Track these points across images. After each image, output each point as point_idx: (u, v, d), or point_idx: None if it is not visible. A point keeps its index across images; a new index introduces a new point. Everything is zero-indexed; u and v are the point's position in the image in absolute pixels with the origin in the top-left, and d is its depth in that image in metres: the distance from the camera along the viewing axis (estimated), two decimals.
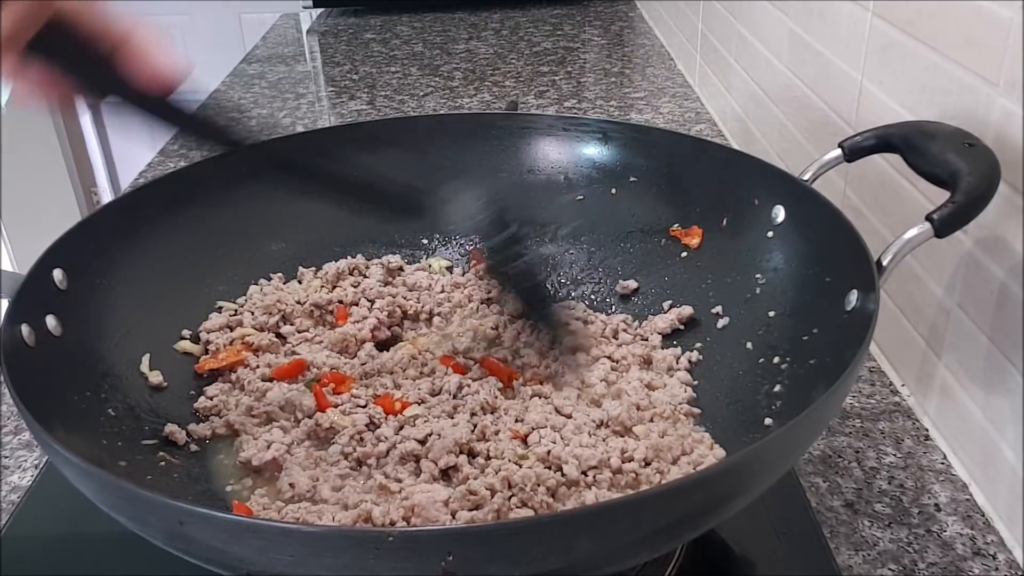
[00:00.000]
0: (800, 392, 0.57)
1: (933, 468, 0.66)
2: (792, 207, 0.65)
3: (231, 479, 0.59)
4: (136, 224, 0.68)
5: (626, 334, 0.70)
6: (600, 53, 1.68)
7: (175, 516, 0.40)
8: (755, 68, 1.10)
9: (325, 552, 0.38)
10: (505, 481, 0.54)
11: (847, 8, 0.80)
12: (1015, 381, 0.58)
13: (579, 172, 0.79)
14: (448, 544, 0.38)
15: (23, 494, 0.66)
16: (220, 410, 0.64)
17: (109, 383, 0.60)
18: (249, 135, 0.55)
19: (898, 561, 0.59)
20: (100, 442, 0.55)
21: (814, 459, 0.68)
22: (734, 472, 0.43)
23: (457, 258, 0.81)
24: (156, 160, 1.28)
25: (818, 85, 0.89)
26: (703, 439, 0.59)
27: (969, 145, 0.56)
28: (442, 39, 1.80)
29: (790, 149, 0.98)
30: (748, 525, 0.60)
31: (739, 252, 0.69)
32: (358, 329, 0.71)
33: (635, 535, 0.41)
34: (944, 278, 0.66)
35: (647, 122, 1.30)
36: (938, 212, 0.54)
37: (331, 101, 1.51)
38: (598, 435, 0.59)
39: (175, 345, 0.68)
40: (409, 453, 0.57)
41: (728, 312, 0.68)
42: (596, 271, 0.77)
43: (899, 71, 0.71)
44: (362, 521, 0.52)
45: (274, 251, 0.77)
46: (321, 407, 0.63)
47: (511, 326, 0.71)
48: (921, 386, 0.71)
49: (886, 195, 0.74)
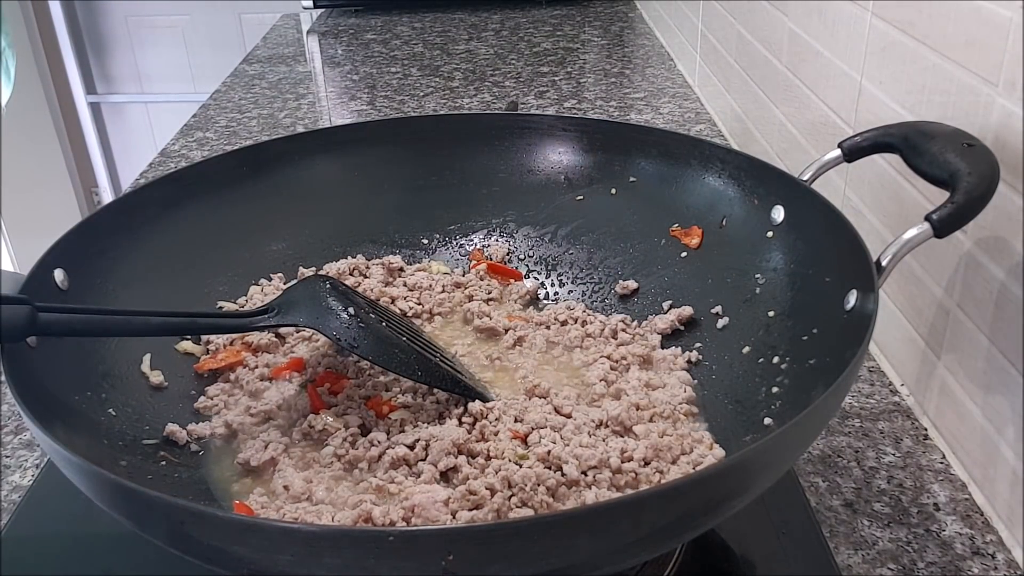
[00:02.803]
0: (800, 392, 0.57)
1: (932, 468, 0.66)
2: (792, 207, 0.65)
3: (231, 479, 0.59)
4: (136, 224, 0.69)
5: (626, 334, 0.70)
6: (600, 53, 1.68)
7: (175, 516, 0.40)
8: (755, 68, 1.11)
9: (325, 552, 0.38)
10: (505, 481, 0.54)
11: (847, 8, 0.80)
12: (1015, 381, 0.58)
13: (579, 172, 0.79)
14: (448, 544, 0.38)
15: (23, 494, 0.66)
16: (220, 410, 0.64)
17: (109, 383, 0.60)
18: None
19: (897, 561, 0.59)
20: (101, 442, 0.55)
21: (814, 459, 0.68)
22: (734, 472, 0.43)
23: (458, 259, 0.81)
24: (156, 160, 1.28)
25: (818, 85, 0.89)
26: (703, 439, 0.59)
27: (968, 145, 0.56)
28: (442, 39, 1.80)
29: (790, 149, 0.98)
30: (748, 525, 0.60)
31: (739, 252, 0.69)
32: None
33: (635, 535, 0.41)
34: (944, 278, 0.66)
35: (647, 122, 1.30)
36: (937, 212, 0.54)
37: (331, 101, 1.51)
38: (598, 435, 0.59)
39: (176, 345, 0.68)
40: (400, 458, 0.57)
41: (728, 312, 0.68)
42: (596, 271, 0.77)
43: (899, 71, 0.71)
44: (362, 521, 0.52)
45: (274, 251, 0.77)
46: (315, 408, 0.63)
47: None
48: (920, 386, 0.72)
49: (886, 195, 0.75)
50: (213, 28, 2.83)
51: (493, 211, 0.81)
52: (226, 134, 1.36)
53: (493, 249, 0.80)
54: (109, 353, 0.62)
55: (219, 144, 1.32)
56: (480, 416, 0.61)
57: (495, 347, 0.71)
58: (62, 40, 2.78)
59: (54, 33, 2.78)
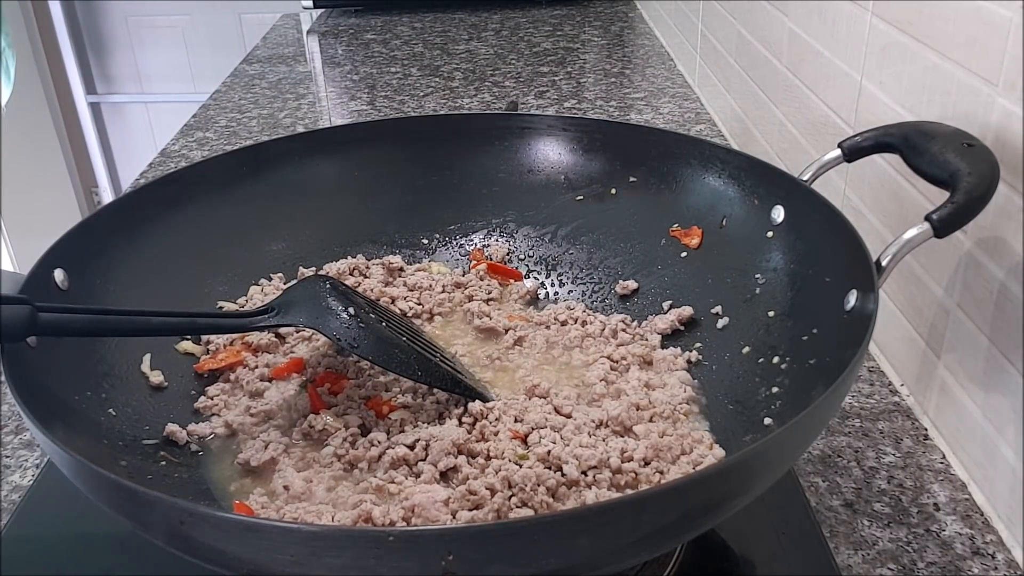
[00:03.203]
0: (800, 392, 0.57)
1: (932, 468, 0.66)
2: (792, 207, 0.65)
3: (231, 479, 0.59)
4: (136, 224, 0.69)
5: (625, 334, 0.70)
6: (600, 53, 1.68)
7: (175, 516, 0.40)
8: (755, 68, 1.11)
9: (325, 552, 0.38)
10: (505, 481, 0.54)
11: (847, 8, 0.80)
12: (1014, 381, 0.58)
13: (579, 172, 0.79)
14: (448, 544, 0.38)
15: (23, 494, 0.66)
16: (220, 410, 0.64)
17: (109, 383, 0.60)
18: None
19: (897, 560, 0.59)
20: (101, 442, 0.55)
21: (814, 459, 0.68)
22: (734, 472, 0.43)
23: (457, 259, 0.81)
24: (156, 160, 1.28)
25: (818, 85, 0.89)
26: (703, 439, 0.59)
27: (968, 145, 0.56)
28: (442, 39, 1.80)
29: (790, 149, 0.98)
30: (748, 525, 0.60)
31: (739, 252, 0.69)
32: None
33: (635, 535, 0.41)
34: (944, 278, 0.66)
35: (647, 122, 1.30)
36: (937, 212, 0.54)
37: (331, 101, 1.51)
38: (598, 435, 0.59)
39: (176, 345, 0.68)
40: (400, 458, 0.57)
41: (728, 312, 0.68)
42: (596, 271, 0.77)
43: (899, 71, 0.71)
44: (362, 521, 0.52)
45: (274, 251, 0.77)
46: (315, 408, 0.63)
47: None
48: (920, 386, 0.72)
49: (886, 195, 0.75)
50: (213, 28, 2.83)
51: (493, 211, 0.81)
52: (226, 134, 1.36)
53: (493, 249, 0.80)
54: (109, 353, 0.62)
55: (219, 144, 1.32)
56: (480, 416, 0.61)
57: (495, 347, 0.71)
58: (62, 40, 2.79)
59: (54, 33, 2.78)
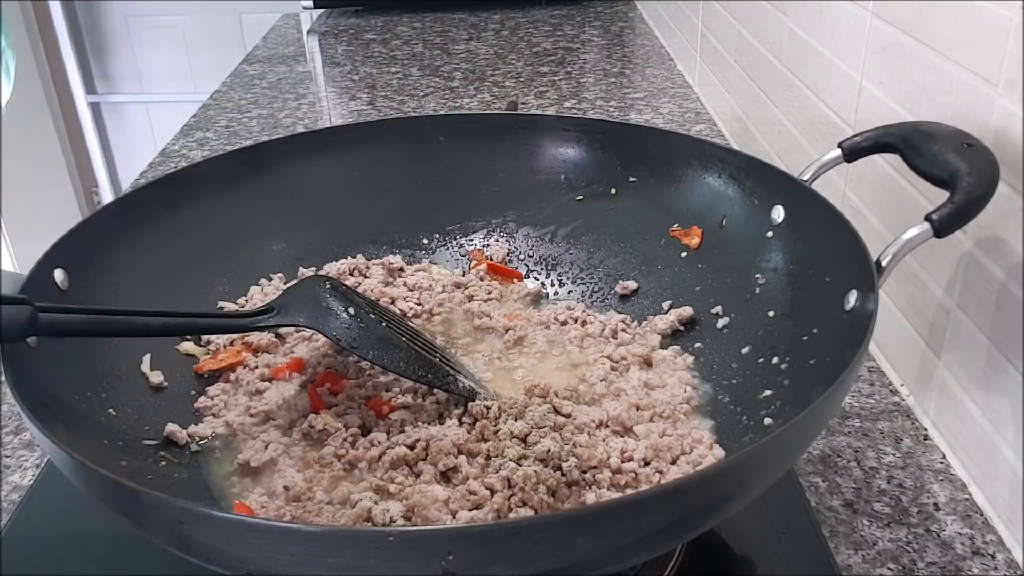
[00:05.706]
0: (800, 392, 0.57)
1: (932, 468, 0.66)
2: (792, 207, 0.65)
3: (231, 479, 0.59)
4: (136, 224, 0.69)
5: (625, 334, 0.70)
6: (600, 53, 1.68)
7: (175, 516, 0.40)
8: (755, 68, 1.11)
9: (325, 552, 0.38)
10: (505, 481, 0.54)
11: (847, 8, 0.80)
12: (1014, 381, 0.58)
13: (579, 172, 0.79)
14: (448, 544, 0.38)
15: (23, 494, 0.66)
16: (220, 410, 0.64)
17: (110, 383, 0.60)
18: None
19: (897, 560, 0.59)
20: (101, 442, 0.55)
21: (814, 459, 0.68)
22: (734, 472, 0.43)
23: (457, 259, 0.81)
24: (156, 160, 1.28)
25: (818, 85, 0.89)
26: (703, 439, 0.59)
27: (968, 145, 0.56)
28: (442, 39, 1.80)
29: (790, 149, 0.98)
30: (748, 525, 0.60)
31: (739, 252, 0.69)
32: None
33: (635, 535, 0.41)
34: (944, 278, 0.66)
35: (647, 122, 1.30)
36: (937, 212, 0.54)
37: (331, 101, 1.51)
38: (598, 435, 0.59)
39: (177, 346, 0.68)
40: (400, 458, 0.57)
41: (728, 312, 0.68)
42: (596, 271, 0.77)
43: (899, 71, 0.71)
44: (362, 521, 0.52)
45: (274, 251, 0.77)
46: (315, 408, 0.63)
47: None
48: (920, 386, 0.72)
49: (886, 195, 0.75)
50: (213, 28, 2.83)
51: (493, 211, 0.81)
52: (226, 134, 1.36)
53: (493, 249, 0.80)
54: (109, 353, 0.62)
55: (219, 144, 1.32)
56: (480, 416, 0.61)
57: (495, 347, 0.71)
58: (62, 40, 2.78)
59: (54, 33, 2.78)
